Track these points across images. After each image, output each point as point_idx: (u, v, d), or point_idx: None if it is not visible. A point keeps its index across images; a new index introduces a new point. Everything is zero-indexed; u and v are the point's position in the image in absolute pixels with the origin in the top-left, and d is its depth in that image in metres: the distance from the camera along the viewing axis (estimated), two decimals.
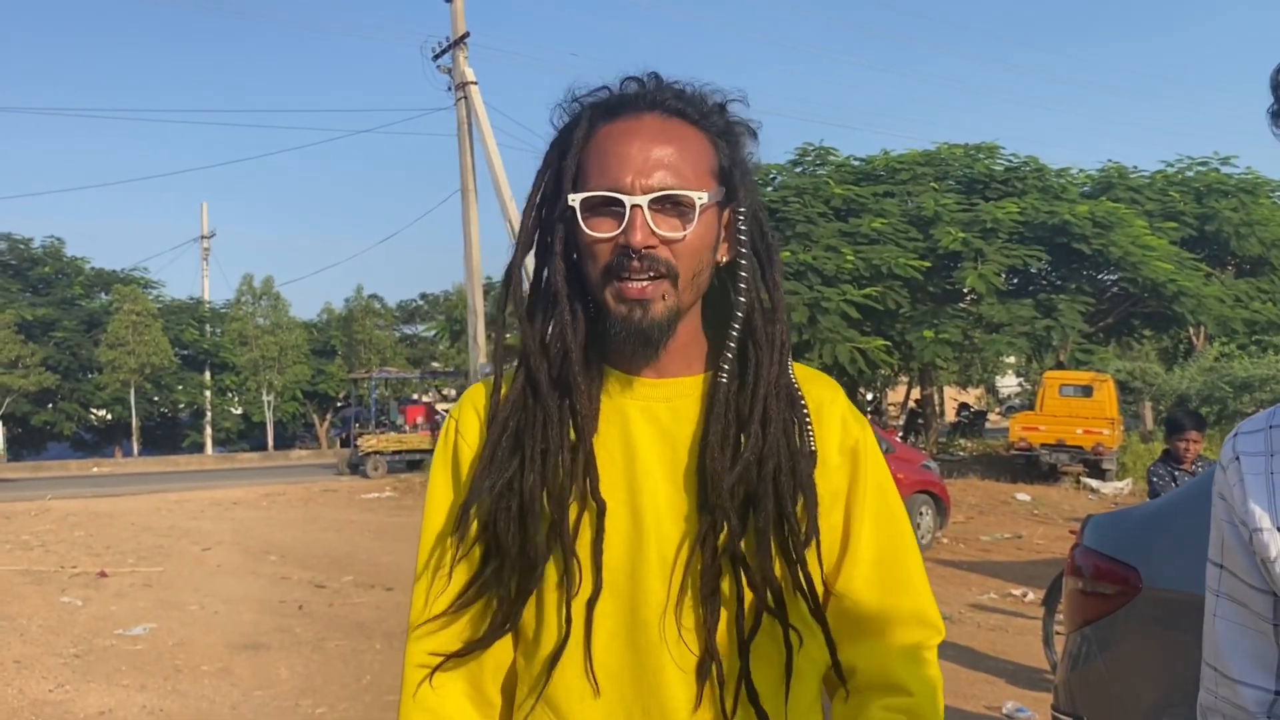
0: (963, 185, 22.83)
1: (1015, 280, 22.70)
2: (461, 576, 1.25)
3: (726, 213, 1.22)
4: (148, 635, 7.60)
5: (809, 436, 1.23)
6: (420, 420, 28.64)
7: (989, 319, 20.64)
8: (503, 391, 1.24)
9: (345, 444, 31.02)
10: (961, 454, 23.74)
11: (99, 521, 14.74)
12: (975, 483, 18.47)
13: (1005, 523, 14.07)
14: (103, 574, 10.23)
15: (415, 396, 36.34)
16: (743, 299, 1.21)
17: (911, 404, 28.98)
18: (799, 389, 1.24)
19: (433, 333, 39.60)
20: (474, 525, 1.22)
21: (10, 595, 9.18)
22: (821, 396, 1.26)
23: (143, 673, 6.55)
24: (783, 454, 1.19)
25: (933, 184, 22.63)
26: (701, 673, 1.18)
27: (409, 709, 1.27)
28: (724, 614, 1.18)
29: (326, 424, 41.89)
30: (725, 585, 1.18)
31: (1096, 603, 3.12)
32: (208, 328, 40.85)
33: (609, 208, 1.16)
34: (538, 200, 1.24)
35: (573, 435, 1.21)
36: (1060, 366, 23.01)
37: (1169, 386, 24.72)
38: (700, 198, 1.16)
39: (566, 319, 1.21)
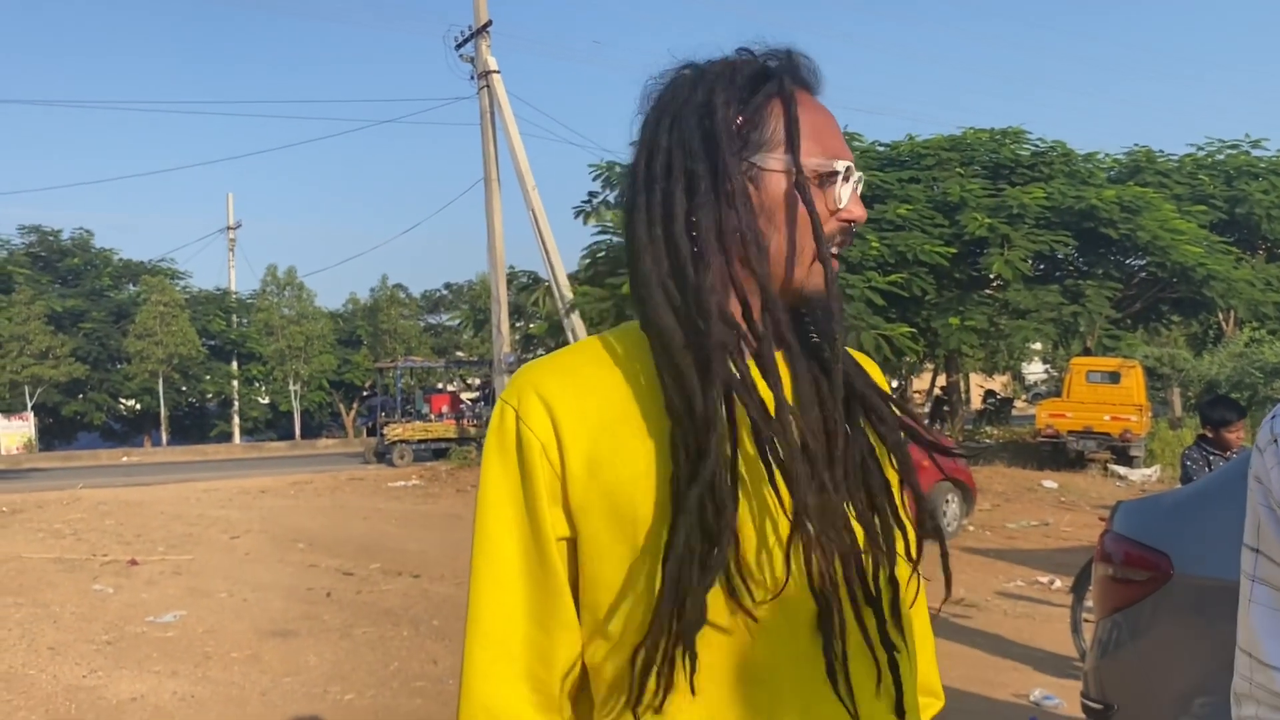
0: (989, 170, 22.63)
1: (1042, 266, 22.50)
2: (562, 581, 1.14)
3: None
4: (178, 622, 7.68)
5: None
6: (445, 409, 28.81)
7: (1015, 305, 20.49)
8: (592, 385, 1.14)
9: (371, 433, 31.19)
10: (988, 441, 23.61)
11: (129, 510, 14.89)
12: (1002, 470, 18.38)
13: (1032, 510, 14.00)
14: (133, 562, 10.33)
15: (440, 386, 36.53)
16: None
17: (937, 391, 28.85)
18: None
19: (457, 322, 39.78)
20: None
21: (43, 583, 9.30)
22: (872, 374, 1.26)
23: (173, 659, 6.62)
24: (877, 413, 1.20)
25: (958, 169, 22.44)
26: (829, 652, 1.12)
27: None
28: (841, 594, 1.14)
29: (353, 413, 42.16)
30: (841, 561, 1.13)
31: (1126, 589, 3.10)
32: (234, 318, 41.13)
33: (824, 178, 1.15)
34: (712, 147, 1.12)
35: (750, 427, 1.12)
36: (1087, 353, 22.84)
37: (1198, 372, 24.46)
38: (863, 177, 1.19)
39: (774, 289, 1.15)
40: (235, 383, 39.62)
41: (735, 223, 1.11)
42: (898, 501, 1.19)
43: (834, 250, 1.16)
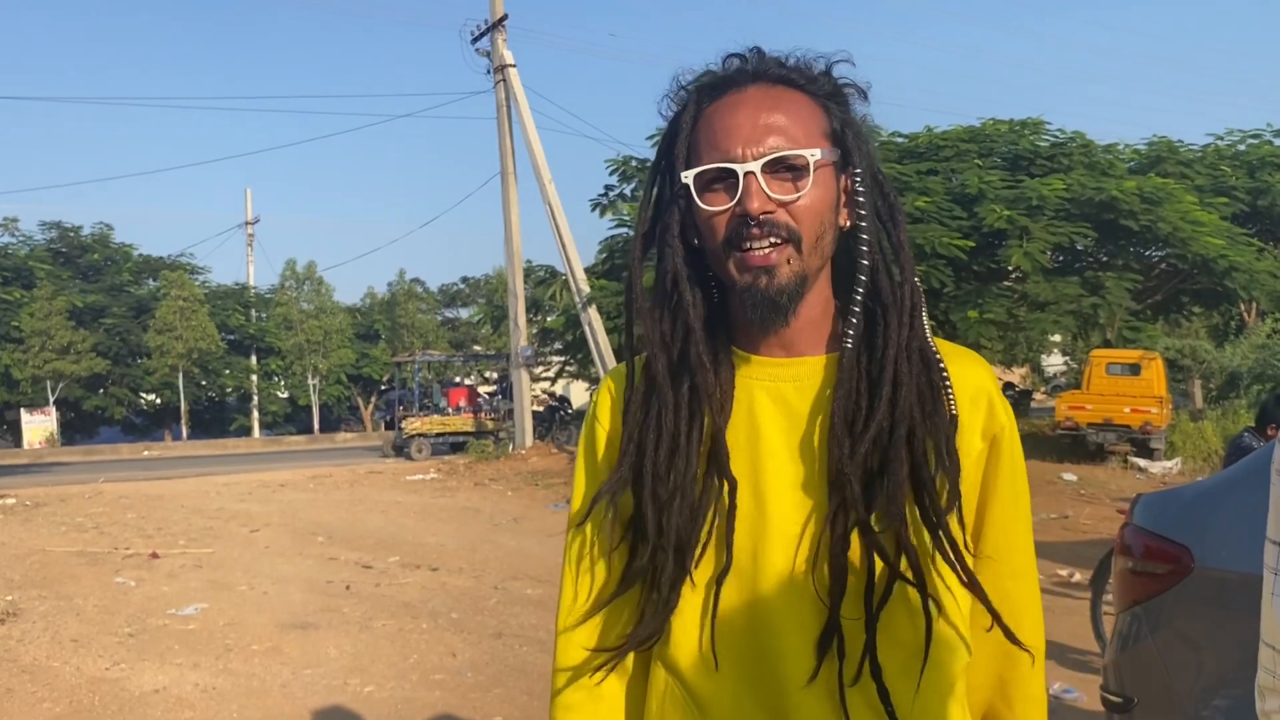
0: (1008, 162, 22.48)
1: (1061, 258, 22.34)
2: (606, 568, 1.27)
3: (844, 177, 1.21)
4: (199, 615, 7.73)
5: (950, 401, 1.20)
6: (463, 403, 28.87)
7: (1034, 297, 20.36)
8: (637, 380, 1.25)
9: (390, 426, 31.31)
10: None
11: (150, 504, 15.01)
12: None
13: (1051, 503, 13.92)
14: (154, 555, 10.41)
15: (458, 379, 36.63)
16: (865, 261, 1.19)
17: None
18: (939, 355, 1.21)
19: (476, 317, 39.85)
20: (610, 516, 1.24)
21: (66, 576, 9.38)
22: (967, 372, 1.23)
23: (195, 651, 6.67)
24: (917, 418, 1.17)
25: (977, 161, 22.30)
26: (821, 647, 1.15)
27: (563, 686, 1.29)
28: (851, 586, 1.15)
29: (371, 407, 42.34)
30: (854, 557, 1.15)
31: (1147, 582, 3.08)
32: (253, 312, 41.35)
33: (723, 181, 1.16)
34: (654, 193, 1.25)
35: (705, 417, 1.20)
36: (1107, 345, 22.70)
37: (1219, 364, 24.28)
38: (813, 155, 1.15)
39: (688, 300, 1.20)
40: (254, 377, 39.85)
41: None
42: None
43: (752, 244, 1.14)
